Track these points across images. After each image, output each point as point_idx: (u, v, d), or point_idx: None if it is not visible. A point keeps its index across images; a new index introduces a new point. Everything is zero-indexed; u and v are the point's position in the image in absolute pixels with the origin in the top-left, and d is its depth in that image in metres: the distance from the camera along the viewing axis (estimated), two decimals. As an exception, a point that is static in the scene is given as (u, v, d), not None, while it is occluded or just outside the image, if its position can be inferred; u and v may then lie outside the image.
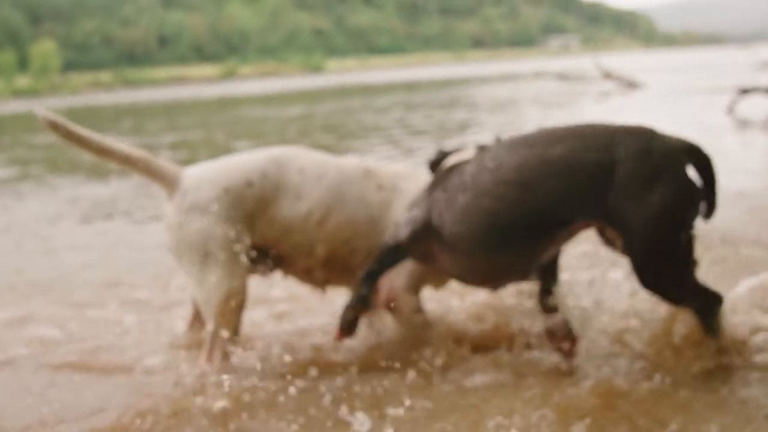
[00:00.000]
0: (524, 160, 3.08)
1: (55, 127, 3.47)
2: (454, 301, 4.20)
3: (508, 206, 3.06)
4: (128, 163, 3.60)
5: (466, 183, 3.20)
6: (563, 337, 3.35)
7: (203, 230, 3.54)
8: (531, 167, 3.05)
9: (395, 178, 3.78)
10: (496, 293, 3.94)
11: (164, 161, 3.65)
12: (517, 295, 3.94)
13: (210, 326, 3.55)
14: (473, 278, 3.41)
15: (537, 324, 3.57)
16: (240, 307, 3.58)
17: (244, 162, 3.70)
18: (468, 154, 3.53)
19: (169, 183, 3.62)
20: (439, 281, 3.87)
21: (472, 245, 3.17)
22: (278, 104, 31.83)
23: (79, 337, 4.27)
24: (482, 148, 3.46)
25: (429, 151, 3.70)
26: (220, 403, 3.22)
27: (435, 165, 3.67)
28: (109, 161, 3.60)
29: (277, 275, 3.90)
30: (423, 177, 3.76)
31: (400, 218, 3.48)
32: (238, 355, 3.60)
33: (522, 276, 3.34)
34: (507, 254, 3.14)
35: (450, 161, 3.55)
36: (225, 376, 3.42)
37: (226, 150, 8.66)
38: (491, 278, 3.37)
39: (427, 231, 3.31)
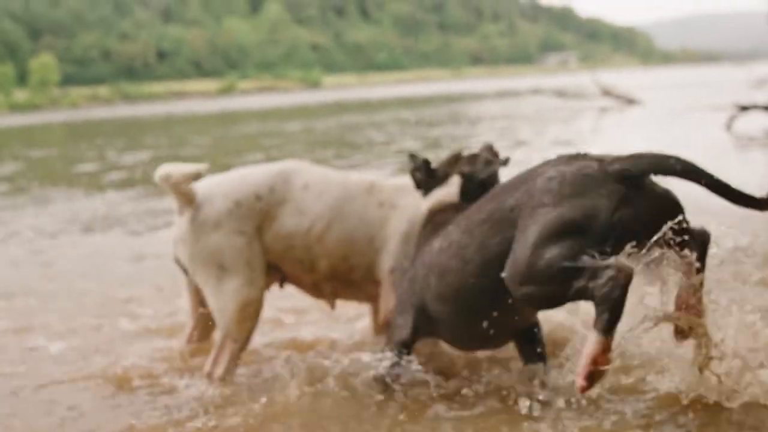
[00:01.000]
0: (466, 227, 3.09)
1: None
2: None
3: (469, 275, 3.04)
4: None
5: (433, 263, 3.23)
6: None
7: (217, 243, 3.58)
8: (472, 232, 3.04)
9: (395, 194, 3.78)
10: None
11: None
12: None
13: (221, 332, 3.60)
14: (465, 345, 3.51)
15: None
16: (255, 316, 3.63)
17: (253, 175, 3.73)
18: (453, 188, 3.52)
19: (181, 196, 3.63)
20: None
21: (452, 318, 3.23)
22: (277, 119, 31.86)
23: (78, 350, 4.27)
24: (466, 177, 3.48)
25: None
26: (221, 420, 3.22)
27: (421, 182, 3.64)
28: None
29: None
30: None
31: (391, 321, 3.50)
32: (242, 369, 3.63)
33: (510, 335, 3.38)
34: (486, 320, 3.10)
35: (436, 194, 3.54)
36: (227, 390, 3.44)
37: (228, 165, 8.66)
38: (481, 344, 3.45)
39: (421, 312, 3.34)
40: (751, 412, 2.95)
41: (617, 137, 14.98)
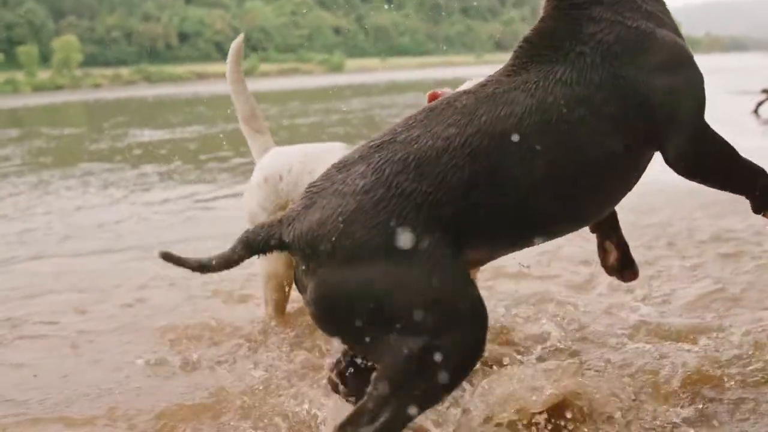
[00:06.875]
0: None
1: None
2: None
3: None
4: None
5: None
6: None
7: (251, 211, 3.72)
8: None
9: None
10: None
11: (266, 139, 3.91)
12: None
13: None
14: None
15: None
16: (280, 288, 3.76)
17: (287, 153, 3.78)
18: None
19: None
20: None
21: None
22: (300, 100, 31.80)
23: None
24: None
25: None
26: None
27: None
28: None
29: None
30: None
31: None
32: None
33: None
34: None
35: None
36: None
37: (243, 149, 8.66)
38: None
39: None
40: None
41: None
